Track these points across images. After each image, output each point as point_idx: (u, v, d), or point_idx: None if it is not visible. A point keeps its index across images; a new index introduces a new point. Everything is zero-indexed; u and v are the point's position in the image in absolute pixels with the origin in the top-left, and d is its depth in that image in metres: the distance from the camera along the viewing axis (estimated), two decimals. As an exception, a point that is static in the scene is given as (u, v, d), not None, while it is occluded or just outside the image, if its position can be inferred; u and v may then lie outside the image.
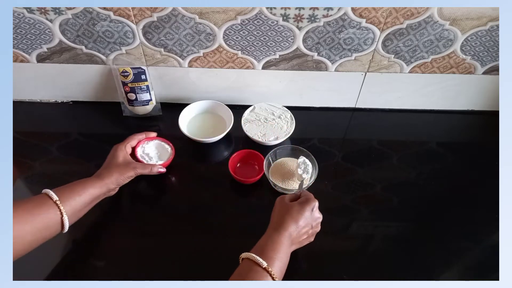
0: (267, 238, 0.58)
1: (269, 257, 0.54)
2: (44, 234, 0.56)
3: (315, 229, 0.63)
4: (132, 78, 0.84)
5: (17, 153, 0.79)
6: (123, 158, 0.71)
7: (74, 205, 0.60)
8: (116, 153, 0.71)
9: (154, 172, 0.73)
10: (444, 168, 0.84)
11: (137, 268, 0.66)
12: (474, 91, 0.91)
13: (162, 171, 0.75)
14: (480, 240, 0.72)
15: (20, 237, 0.52)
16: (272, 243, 0.56)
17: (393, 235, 0.72)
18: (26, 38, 0.78)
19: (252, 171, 0.80)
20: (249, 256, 0.54)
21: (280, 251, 0.56)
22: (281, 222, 0.59)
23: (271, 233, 0.58)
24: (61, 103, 0.94)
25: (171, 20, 0.74)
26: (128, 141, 0.75)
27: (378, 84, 0.88)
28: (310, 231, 0.62)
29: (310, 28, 0.75)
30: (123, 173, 0.69)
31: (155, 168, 0.73)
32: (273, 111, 0.88)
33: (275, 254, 0.55)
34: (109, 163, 0.70)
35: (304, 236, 0.61)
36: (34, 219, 0.54)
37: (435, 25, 0.75)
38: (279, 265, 0.55)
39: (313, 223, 0.61)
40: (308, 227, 0.61)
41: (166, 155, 0.79)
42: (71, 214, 0.59)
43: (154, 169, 0.73)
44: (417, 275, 0.66)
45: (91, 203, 0.65)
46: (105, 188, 0.66)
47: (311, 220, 0.61)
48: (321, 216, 0.63)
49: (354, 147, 0.88)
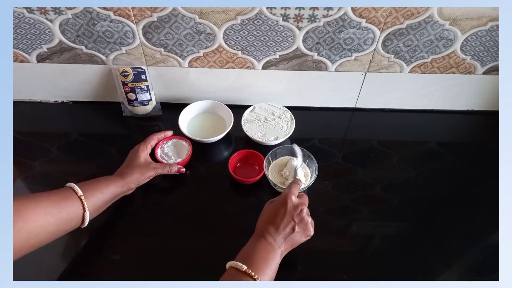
0: (253, 246, 0.57)
1: (259, 266, 0.53)
2: (65, 227, 0.57)
3: (303, 220, 0.59)
4: (132, 78, 0.84)
5: (17, 153, 0.79)
6: (144, 159, 0.73)
7: (96, 201, 0.62)
8: (137, 154, 0.73)
9: (173, 171, 0.75)
10: (444, 168, 0.84)
11: (137, 268, 0.66)
12: (474, 91, 0.91)
13: (182, 171, 0.76)
14: (480, 240, 0.72)
15: (44, 227, 0.53)
16: (259, 251, 0.55)
17: (393, 235, 0.72)
18: (26, 38, 0.78)
19: (252, 171, 0.80)
20: (234, 265, 0.54)
21: (269, 258, 0.55)
22: (259, 228, 0.60)
23: (252, 240, 0.59)
24: (61, 103, 0.94)
25: (171, 20, 0.74)
26: (149, 141, 0.76)
27: (378, 84, 0.88)
28: (296, 226, 0.58)
29: (310, 28, 0.75)
30: (144, 173, 0.71)
31: (174, 168, 0.75)
32: (273, 111, 0.88)
33: (263, 263, 0.54)
34: (130, 163, 0.72)
35: (288, 230, 0.58)
36: (59, 211, 0.55)
37: (435, 25, 0.75)
38: (269, 274, 0.54)
39: (294, 214, 0.59)
40: (288, 220, 0.58)
41: (185, 152, 0.80)
42: (93, 210, 0.61)
43: (173, 169, 0.75)
44: (417, 275, 0.66)
45: (111, 201, 0.66)
46: (126, 187, 0.68)
47: (290, 213, 0.58)
48: (304, 202, 0.61)
49: (354, 147, 0.88)
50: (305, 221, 0.59)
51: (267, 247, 0.56)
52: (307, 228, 0.60)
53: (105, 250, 0.69)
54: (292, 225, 0.58)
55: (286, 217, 0.58)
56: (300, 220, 0.59)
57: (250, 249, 0.57)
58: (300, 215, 0.59)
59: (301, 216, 0.59)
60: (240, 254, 0.57)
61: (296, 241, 0.59)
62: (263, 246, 0.57)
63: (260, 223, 0.61)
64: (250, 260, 0.54)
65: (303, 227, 0.59)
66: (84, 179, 0.78)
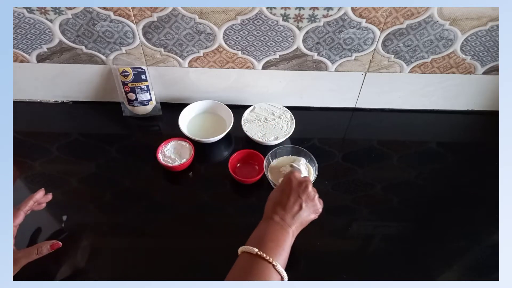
0: (264, 228, 0.56)
1: (270, 247, 0.52)
2: None
3: (309, 196, 0.58)
4: (132, 78, 0.84)
5: (17, 153, 0.80)
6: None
7: None
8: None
9: (45, 253, 0.61)
10: (444, 168, 0.84)
11: (137, 268, 0.66)
12: (474, 91, 0.91)
13: (58, 246, 0.62)
14: (480, 240, 0.72)
15: None
16: (270, 233, 0.54)
17: (393, 235, 0.72)
18: (26, 38, 0.78)
19: (252, 171, 0.80)
20: (250, 250, 0.52)
21: (282, 239, 0.54)
22: (267, 211, 0.59)
23: (260, 224, 0.58)
24: (61, 103, 0.94)
25: (171, 20, 0.74)
26: (22, 207, 0.63)
27: (378, 84, 0.88)
28: (303, 203, 0.57)
29: (310, 28, 0.75)
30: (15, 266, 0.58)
31: (43, 249, 0.61)
32: (273, 111, 0.88)
33: (275, 244, 0.53)
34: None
35: (296, 208, 0.57)
36: None
37: (435, 25, 0.75)
38: (284, 257, 0.53)
39: (299, 191, 0.58)
40: (294, 198, 0.57)
41: (187, 152, 0.80)
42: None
43: (43, 251, 0.61)
44: (417, 275, 0.66)
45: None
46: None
47: (296, 191, 0.58)
48: (308, 179, 0.60)
49: (354, 147, 0.88)
50: (312, 197, 0.59)
51: (277, 228, 0.55)
52: (315, 204, 0.59)
53: (105, 250, 0.69)
54: (299, 202, 0.57)
55: (292, 195, 0.58)
56: (307, 196, 0.58)
57: (260, 232, 0.56)
58: (306, 191, 0.58)
59: (307, 192, 0.58)
60: (251, 238, 0.56)
61: (305, 218, 0.58)
62: (273, 227, 0.55)
63: (267, 207, 0.60)
64: (262, 243, 0.52)
65: (310, 203, 0.58)
66: (84, 179, 0.78)
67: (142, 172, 0.80)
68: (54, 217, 0.72)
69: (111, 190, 0.77)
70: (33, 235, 0.69)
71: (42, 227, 0.71)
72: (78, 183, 0.78)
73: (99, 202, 0.75)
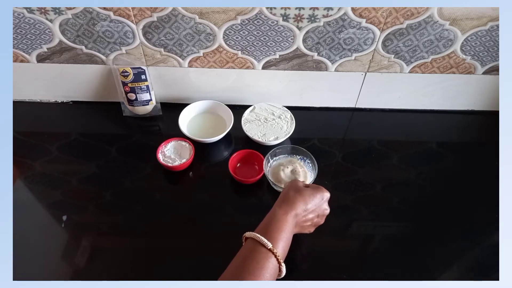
0: (272, 217, 0.57)
1: (274, 237, 0.54)
2: None
3: (320, 220, 0.63)
4: (132, 78, 0.84)
5: (17, 153, 0.80)
6: None
7: None
8: None
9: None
10: (444, 168, 0.84)
11: (137, 268, 0.66)
12: (474, 91, 0.91)
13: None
14: (480, 240, 0.72)
15: None
16: (277, 221, 0.56)
17: (393, 235, 0.72)
18: (26, 38, 0.78)
19: (252, 171, 0.80)
20: (253, 236, 0.54)
21: (285, 230, 0.56)
22: (290, 201, 0.59)
23: (276, 211, 0.58)
24: (61, 103, 0.94)
25: (171, 20, 0.74)
26: None
27: (378, 84, 0.88)
28: (315, 220, 0.62)
29: (310, 28, 0.75)
30: None
31: None
32: (273, 111, 0.88)
33: (279, 234, 0.55)
34: None
35: (308, 222, 0.61)
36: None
37: (435, 25, 0.75)
38: (283, 245, 0.55)
39: (320, 213, 0.62)
40: (314, 214, 0.61)
41: (187, 152, 0.80)
42: None
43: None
44: (417, 275, 0.66)
45: None
46: None
47: (320, 209, 0.61)
48: (329, 210, 0.63)
49: (354, 147, 0.88)
50: (319, 222, 0.63)
51: (291, 222, 0.57)
52: (315, 226, 0.63)
53: (105, 250, 0.69)
54: (313, 217, 0.61)
55: (316, 210, 0.61)
56: (321, 219, 0.63)
57: (275, 221, 0.57)
58: (324, 215, 0.63)
59: (321, 220, 0.63)
60: (262, 226, 0.58)
61: (303, 229, 0.62)
62: (289, 220, 0.57)
63: (290, 197, 0.60)
64: (274, 237, 0.55)
65: (315, 224, 0.62)
66: (84, 179, 0.78)
67: (142, 172, 0.80)
68: (54, 217, 0.72)
69: (111, 190, 0.77)
70: (33, 235, 0.69)
71: (42, 227, 0.71)
72: (78, 183, 0.78)
73: (99, 202, 0.75)
